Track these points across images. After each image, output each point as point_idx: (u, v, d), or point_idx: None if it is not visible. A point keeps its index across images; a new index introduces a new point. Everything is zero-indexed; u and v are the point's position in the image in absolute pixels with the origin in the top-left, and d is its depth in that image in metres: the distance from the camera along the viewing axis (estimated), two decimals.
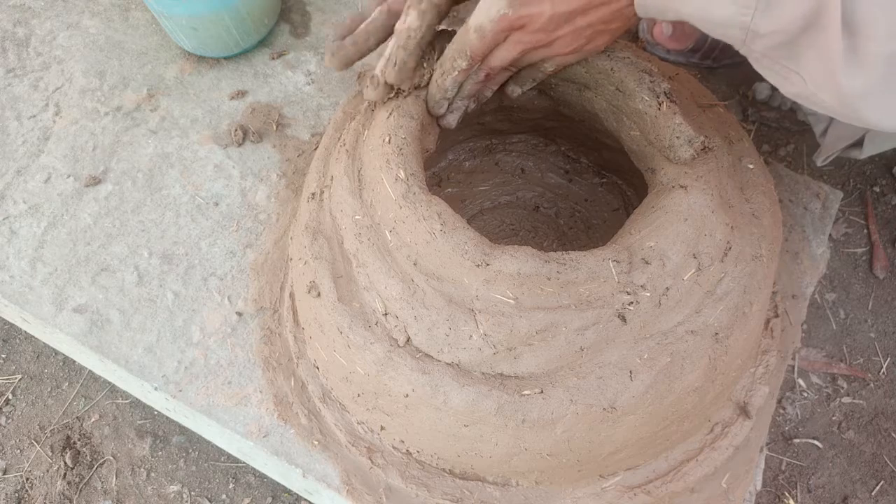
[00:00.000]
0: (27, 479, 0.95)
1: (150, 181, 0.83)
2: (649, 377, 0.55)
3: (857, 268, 1.09)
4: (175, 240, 0.79)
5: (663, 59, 0.74)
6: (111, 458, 0.97)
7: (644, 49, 1.14)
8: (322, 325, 0.62)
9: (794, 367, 1.01)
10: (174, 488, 0.94)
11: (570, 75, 0.65)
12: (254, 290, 0.75)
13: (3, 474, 0.96)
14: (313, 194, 0.68)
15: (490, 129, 0.81)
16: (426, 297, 0.57)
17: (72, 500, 0.94)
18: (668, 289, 0.56)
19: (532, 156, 0.85)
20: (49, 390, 1.02)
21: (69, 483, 0.95)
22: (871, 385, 1.01)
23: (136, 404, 1.00)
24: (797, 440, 0.97)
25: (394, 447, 0.65)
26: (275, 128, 0.87)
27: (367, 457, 0.65)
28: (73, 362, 1.03)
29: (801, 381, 1.01)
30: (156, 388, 0.71)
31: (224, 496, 0.94)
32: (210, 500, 0.94)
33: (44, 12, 0.97)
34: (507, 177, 0.85)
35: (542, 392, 0.55)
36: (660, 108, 0.61)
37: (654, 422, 0.58)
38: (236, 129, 0.86)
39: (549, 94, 0.70)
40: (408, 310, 0.57)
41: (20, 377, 1.03)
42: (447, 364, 0.57)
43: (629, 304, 0.56)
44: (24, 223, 0.80)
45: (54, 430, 0.99)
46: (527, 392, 0.55)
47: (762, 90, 1.17)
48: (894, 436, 0.98)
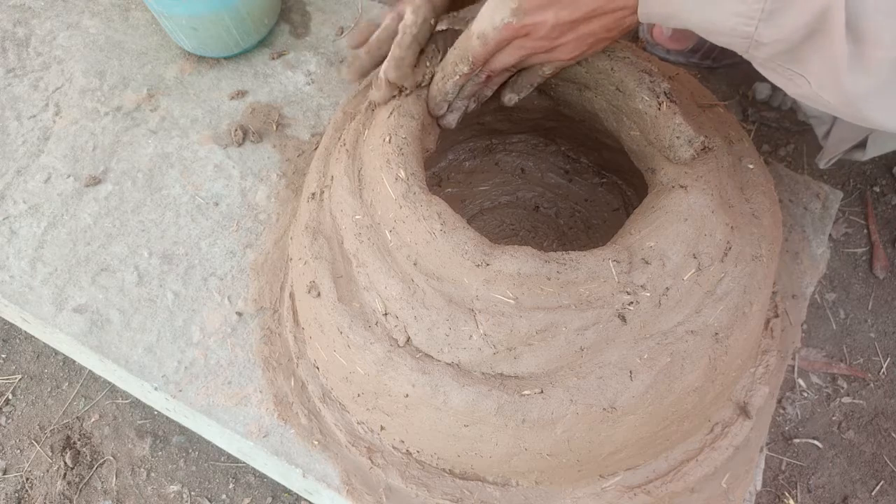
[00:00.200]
0: (27, 479, 0.95)
1: (150, 181, 0.83)
2: (649, 377, 0.55)
3: (857, 268, 1.09)
4: (175, 240, 0.79)
5: (663, 59, 0.74)
6: (111, 458, 0.97)
7: (644, 49, 1.14)
8: (322, 325, 0.62)
9: (794, 367, 1.01)
10: (174, 488, 0.94)
11: (570, 75, 0.65)
12: (254, 290, 0.75)
13: (3, 474, 0.96)
14: (313, 194, 0.68)
15: (490, 129, 0.81)
16: (426, 297, 0.57)
17: (72, 500, 0.94)
18: (668, 289, 0.56)
19: (532, 156, 0.85)
20: (49, 390, 1.02)
21: (69, 483, 0.95)
22: (871, 385, 1.01)
23: (136, 404, 1.00)
24: (797, 440, 0.97)
25: (394, 447, 0.65)
26: (275, 128, 0.87)
27: (367, 457, 0.65)
28: (73, 362, 1.03)
29: (801, 381, 1.01)
30: (156, 388, 0.71)
31: (224, 496, 0.94)
32: (210, 500, 0.94)
33: (44, 12, 0.97)
34: (507, 177, 0.85)
35: (542, 392, 0.55)
36: (660, 108, 0.61)
37: (654, 422, 0.58)
38: (236, 129, 0.86)
39: (549, 94, 0.70)
40: (408, 310, 0.57)
41: (20, 377, 1.03)
42: (447, 364, 0.57)
43: (629, 304, 0.55)
44: (24, 223, 0.80)
45: (54, 430, 0.99)
46: (527, 392, 0.55)
47: (762, 90, 1.17)
48: (894, 436, 0.98)
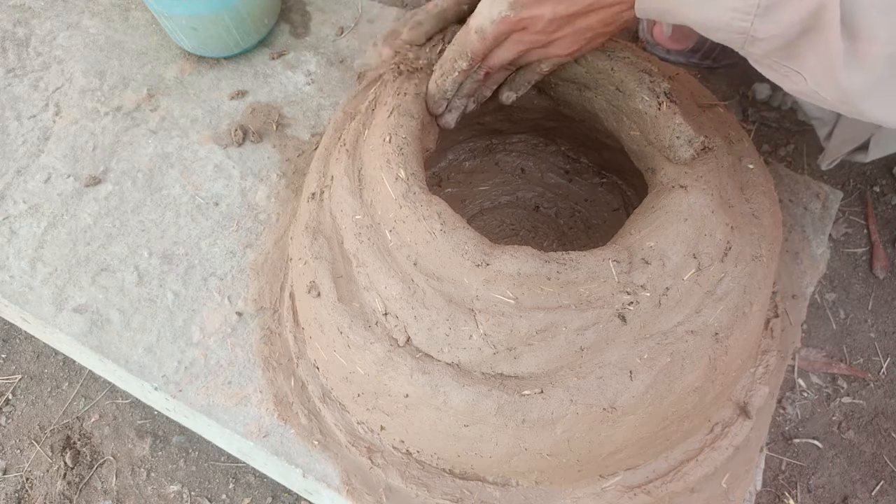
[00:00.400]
0: (27, 479, 0.95)
1: (150, 181, 0.83)
2: (649, 377, 0.55)
3: (857, 268, 1.09)
4: (175, 240, 0.79)
5: (663, 59, 0.74)
6: (111, 458, 0.97)
7: (644, 49, 1.14)
8: (322, 325, 0.62)
9: (794, 367, 1.01)
10: (174, 488, 0.94)
11: (570, 75, 0.65)
12: (254, 290, 0.75)
13: (3, 474, 0.96)
14: (313, 194, 0.67)
15: (490, 129, 0.81)
16: (426, 297, 0.57)
17: (72, 500, 0.94)
18: (668, 289, 0.56)
19: (532, 156, 0.85)
20: (49, 390, 1.02)
21: (69, 483, 0.95)
22: (871, 385, 1.01)
23: (136, 404, 1.00)
24: (797, 440, 0.97)
25: (394, 447, 0.65)
26: (275, 128, 0.87)
27: (367, 457, 0.65)
28: (73, 362, 1.03)
29: (801, 381, 1.01)
30: (156, 388, 0.71)
31: (224, 496, 0.94)
32: (210, 500, 0.94)
33: (44, 12, 0.97)
34: (507, 177, 0.85)
35: (542, 392, 0.55)
36: (660, 108, 0.61)
37: (654, 422, 0.58)
38: (236, 129, 0.86)
39: (549, 94, 0.70)
40: (408, 310, 0.57)
41: (20, 377, 1.03)
42: (447, 364, 0.57)
43: (629, 304, 0.55)
44: (24, 223, 0.80)
45: (54, 430, 0.99)
46: (527, 392, 0.55)
47: (762, 90, 1.17)
48: (894, 436, 0.98)
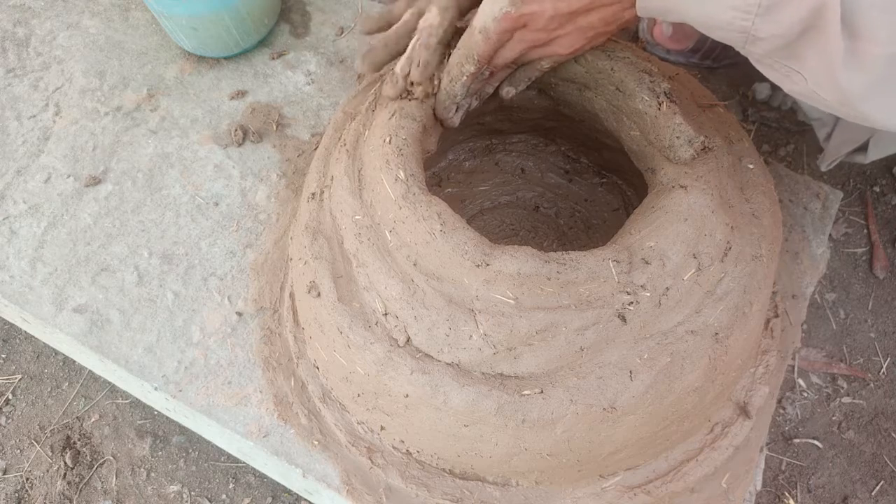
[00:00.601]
0: (27, 479, 0.95)
1: (150, 181, 0.83)
2: (649, 377, 0.55)
3: (857, 268, 1.09)
4: (175, 240, 0.79)
5: (663, 59, 0.74)
6: (111, 458, 0.97)
7: (644, 49, 1.14)
8: (322, 325, 0.62)
9: (794, 367, 1.01)
10: (174, 488, 0.94)
11: (570, 75, 0.65)
12: (254, 290, 0.75)
13: (3, 474, 0.96)
14: (313, 194, 0.68)
15: (490, 129, 0.81)
16: (426, 297, 0.57)
17: (72, 500, 0.94)
18: (668, 289, 0.56)
19: (532, 156, 0.85)
20: (49, 390, 1.02)
21: (69, 483, 0.95)
22: (871, 385, 1.01)
23: (136, 404, 1.00)
24: (797, 440, 0.97)
25: (394, 447, 0.65)
26: (275, 128, 0.87)
27: (367, 457, 0.65)
28: (73, 362, 1.03)
29: (801, 381, 1.01)
30: (156, 388, 0.71)
31: (224, 496, 0.94)
32: (210, 500, 0.94)
33: (44, 12, 0.97)
34: (507, 177, 0.85)
35: (542, 392, 0.55)
36: (660, 108, 0.61)
37: (654, 422, 0.58)
38: (236, 129, 0.86)
39: (549, 94, 0.70)
40: (408, 310, 0.57)
41: (20, 377, 1.03)
42: (447, 364, 0.57)
43: (629, 304, 0.55)
44: (24, 223, 0.80)
45: (54, 430, 0.99)
46: (527, 392, 0.55)
47: (762, 90, 1.17)
48: (894, 436, 0.98)
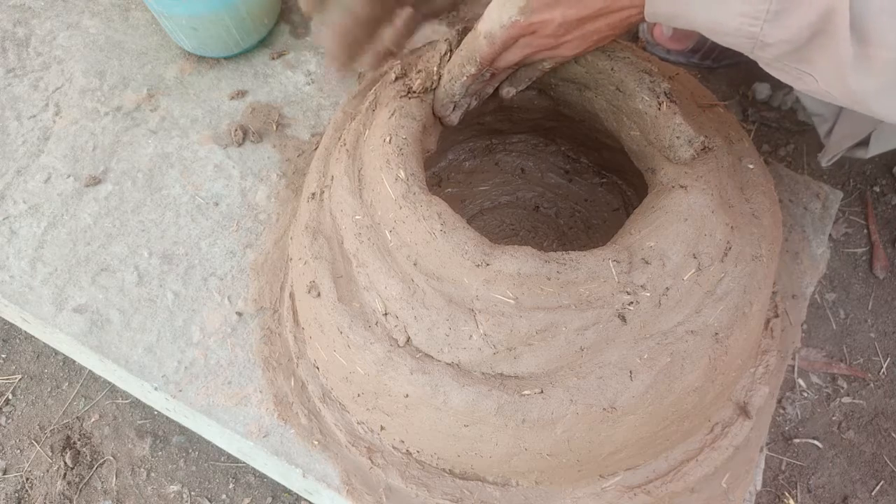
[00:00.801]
0: (27, 479, 0.95)
1: (150, 181, 0.83)
2: (649, 377, 0.55)
3: (857, 268, 1.09)
4: (175, 240, 0.79)
5: (663, 59, 0.74)
6: (111, 458, 0.97)
7: (644, 49, 1.14)
8: (322, 325, 0.62)
9: (794, 367, 1.01)
10: (174, 488, 0.94)
11: (570, 75, 0.65)
12: (254, 290, 0.75)
13: (3, 474, 0.96)
14: (313, 194, 0.67)
15: (490, 129, 0.81)
16: (426, 297, 0.57)
17: (72, 500, 0.94)
18: (668, 289, 0.56)
19: (532, 156, 0.85)
20: (49, 390, 1.02)
21: (69, 483, 0.95)
22: (871, 385, 1.01)
23: (136, 404, 1.00)
24: (797, 440, 0.97)
25: (394, 447, 0.65)
26: (275, 128, 0.87)
27: (367, 457, 0.65)
28: (73, 362, 1.03)
29: (801, 381, 1.01)
30: (156, 388, 0.71)
31: (224, 496, 0.94)
32: (210, 500, 0.94)
33: (44, 12, 0.97)
34: (507, 177, 0.85)
35: (542, 392, 0.55)
36: (660, 108, 0.61)
37: (654, 422, 0.58)
38: (236, 129, 0.86)
39: (549, 94, 0.70)
40: (408, 310, 0.57)
41: (20, 377, 1.03)
42: (447, 364, 0.57)
43: (629, 304, 0.55)
44: (24, 223, 0.80)
45: (54, 430, 0.99)
46: (527, 392, 0.55)
47: (762, 90, 1.17)
48: (894, 436, 0.98)
